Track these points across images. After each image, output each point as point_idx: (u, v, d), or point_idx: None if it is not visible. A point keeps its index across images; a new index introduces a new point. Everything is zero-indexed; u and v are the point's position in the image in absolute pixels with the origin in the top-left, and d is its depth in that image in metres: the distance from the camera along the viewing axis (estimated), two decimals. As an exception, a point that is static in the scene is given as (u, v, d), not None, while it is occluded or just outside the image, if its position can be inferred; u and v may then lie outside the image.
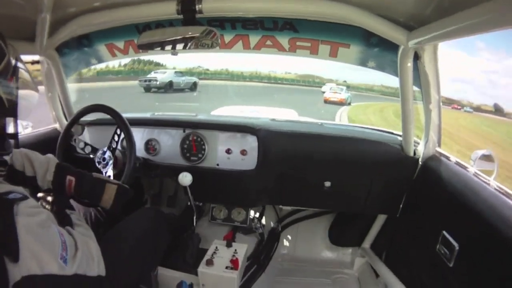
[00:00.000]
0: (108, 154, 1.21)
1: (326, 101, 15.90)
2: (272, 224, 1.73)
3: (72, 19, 1.18)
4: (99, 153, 1.22)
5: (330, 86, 19.73)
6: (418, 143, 1.29)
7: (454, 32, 0.76)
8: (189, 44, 1.01)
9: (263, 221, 1.65)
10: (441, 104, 1.14)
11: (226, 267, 1.21)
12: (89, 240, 0.76)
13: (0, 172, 0.72)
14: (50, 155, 0.96)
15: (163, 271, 1.24)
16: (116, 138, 1.23)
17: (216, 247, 1.32)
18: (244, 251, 1.32)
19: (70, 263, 0.65)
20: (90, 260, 0.71)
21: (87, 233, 0.79)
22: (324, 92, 19.30)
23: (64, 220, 0.81)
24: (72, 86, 1.58)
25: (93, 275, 0.71)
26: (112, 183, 0.99)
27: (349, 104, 16.38)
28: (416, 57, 1.05)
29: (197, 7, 1.00)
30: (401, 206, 1.34)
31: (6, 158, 0.76)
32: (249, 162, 1.40)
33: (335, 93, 16.72)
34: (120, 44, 1.43)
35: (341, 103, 15.58)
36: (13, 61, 0.70)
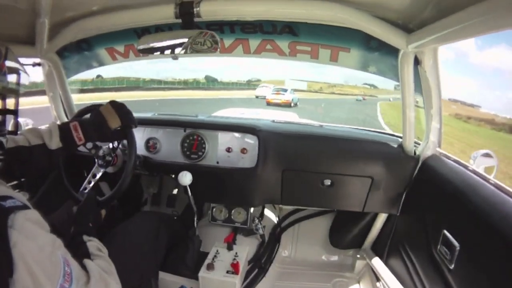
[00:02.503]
0: (108, 152, 1.20)
1: (269, 103, 14.36)
2: (272, 225, 1.72)
3: (71, 23, 1.18)
4: (100, 151, 1.21)
5: (269, 87, 17.86)
6: (419, 144, 1.29)
7: (453, 34, 0.75)
8: (183, 46, 1.00)
9: (264, 221, 1.64)
10: (441, 108, 1.14)
11: (227, 272, 1.20)
12: (109, 277, 0.69)
13: None
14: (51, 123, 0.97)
15: (163, 276, 1.23)
16: (116, 149, 1.20)
17: (217, 251, 1.31)
18: (245, 255, 1.31)
19: None
20: None
21: (108, 269, 0.72)
22: (257, 97, 17.81)
23: (79, 249, 0.74)
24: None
25: None
26: None
27: (296, 105, 15.04)
28: (417, 62, 1.05)
29: (195, 10, 1.00)
30: (401, 205, 1.34)
31: (2, 140, 0.74)
32: (249, 160, 1.40)
33: (278, 94, 15.19)
34: (120, 48, 1.43)
35: (285, 105, 14.06)
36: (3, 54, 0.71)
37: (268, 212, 1.72)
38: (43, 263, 0.53)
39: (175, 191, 1.57)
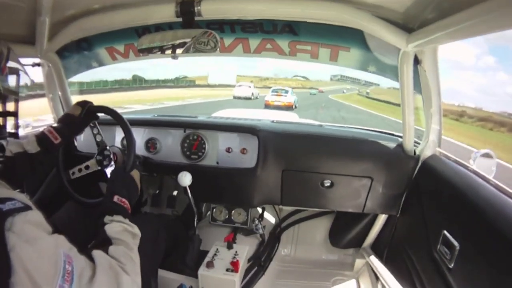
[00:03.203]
0: (107, 152, 1.19)
1: (268, 105, 13.27)
2: (272, 225, 1.72)
3: (71, 22, 1.18)
4: (99, 156, 1.19)
5: (246, 86, 16.52)
6: (419, 144, 1.29)
7: (454, 33, 0.75)
8: (186, 46, 1.01)
9: (264, 222, 1.65)
10: (441, 108, 1.13)
11: (227, 270, 1.21)
12: (121, 267, 0.65)
13: None
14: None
15: (163, 274, 1.23)
16: (98, 138, 1.20)
17: (217, 249, 1.32)
18: (245, 253, 1.32)
19: None
20: None
21: (124, 257, 0.68)
22: (235, 97, 16.40)
23: (100, 234, 0.73)
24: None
25: None
26: None
27: (296, 107, 13.94)
28: (417, 62, 1.04)
29: (196, 9, 1.00)
30: (401, 205, 1.34)
31: (3, 142, 0.77)
32: (249, 160, 1.40)
33: (280, 96, 14.09)
34: (120, 47, 1.43)
35: (287, 108, 12.79)
36: (5, 55, 0.72)
37: (268, 213, 1.73)
38: (42, 266, 0.52)
39: (175, 192, 1.57)
